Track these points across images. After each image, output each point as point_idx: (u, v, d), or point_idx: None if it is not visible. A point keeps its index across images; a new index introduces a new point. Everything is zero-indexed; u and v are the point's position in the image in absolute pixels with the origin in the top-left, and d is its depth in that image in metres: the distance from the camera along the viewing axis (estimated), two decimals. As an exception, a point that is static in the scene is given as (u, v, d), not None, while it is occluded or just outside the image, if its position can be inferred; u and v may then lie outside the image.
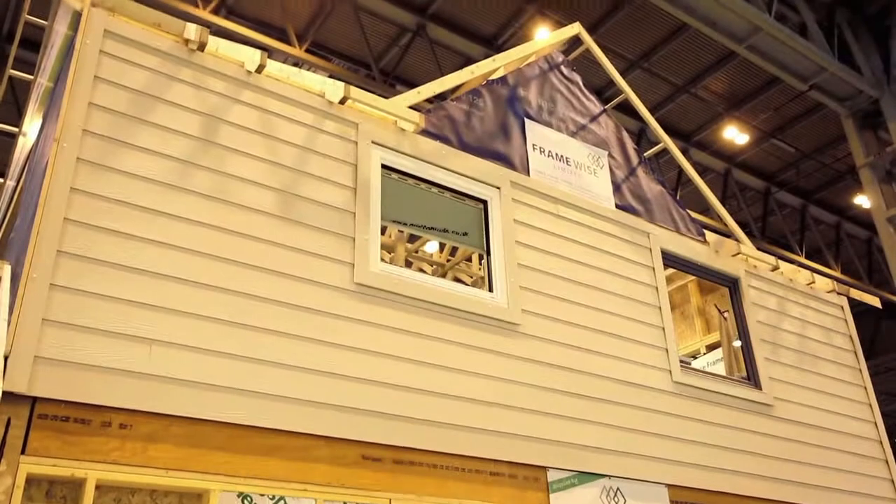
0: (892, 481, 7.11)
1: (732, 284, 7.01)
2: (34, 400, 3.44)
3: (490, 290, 5.27)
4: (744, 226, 16.22)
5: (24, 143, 5.85)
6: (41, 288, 3.56)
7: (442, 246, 8.94)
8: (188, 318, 3.94)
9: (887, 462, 7.18)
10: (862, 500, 6.75)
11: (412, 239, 8.13)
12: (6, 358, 3.39)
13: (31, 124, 5.59)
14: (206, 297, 4.04)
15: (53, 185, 3.76)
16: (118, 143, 4.06)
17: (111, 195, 3.94)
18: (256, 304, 4.18)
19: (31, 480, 3.35)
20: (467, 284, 7.67)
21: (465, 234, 5.47)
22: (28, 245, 3.64)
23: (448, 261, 8.70)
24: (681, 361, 6.15)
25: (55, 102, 4.39)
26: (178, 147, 4.25)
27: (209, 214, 4.22)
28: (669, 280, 8.09)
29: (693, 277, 8.41)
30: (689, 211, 7.12)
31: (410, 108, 5.38)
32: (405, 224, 5.33)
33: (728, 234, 7.76)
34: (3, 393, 3.31)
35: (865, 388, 7.49)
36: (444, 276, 8.29)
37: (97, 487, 3.46)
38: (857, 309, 8.28)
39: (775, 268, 7.38)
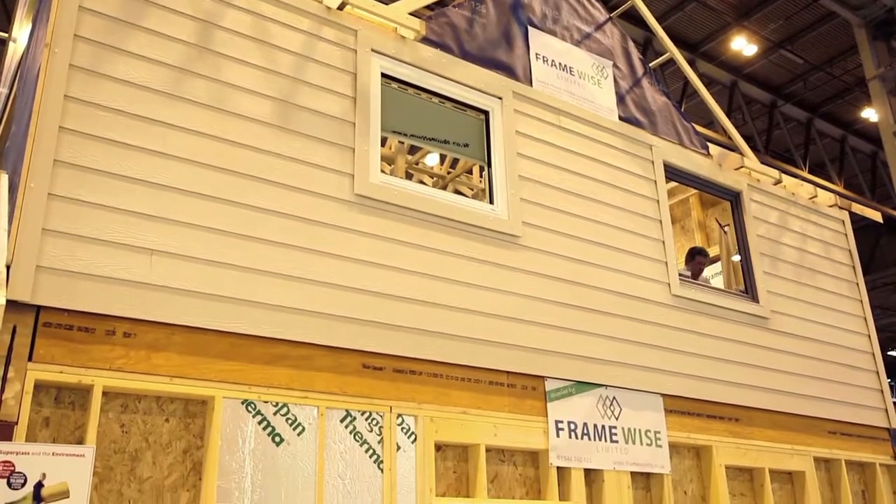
0: (882, 392, 7.27)
1: (734, 198, 6.98)
2: (38, 308, 3.47)
3: (491, 202, 5.25)
4: (748, 140, 16.05)
5: (15, 50, 5.71)
6: (39, 198, 3.55)
7: (442, 158, 8.86)
8: (188, 228, 3.94)
9: (878, 374, 7.33)
10: (852, 409, 6.92)
11: (412, 150, 8.05)
12: (8, 267, 3.40)
13: (21, 30, 5.44)
14: (204, 207, 4.02)
15: (47, 93, 3.69)
16: (111, 49, 3.96)
17: (106, 103, 3.87)
18: (255, 215, 4.17)
19: (39, 387, 3.42)
20: (468, 197, 7.65)
21: (466, 145, 5.41)
22: (24, 154, 3.60)
23: (449, 173, 8.65)
24: (680, 275, 6.19)
25: (44, 6, 4.26)
26: (172, 54, 4.15)
27: (206, 123, 4.16)
28: (671, 193, 8.05)
29: (695, 191, 8.36)
30: (693, 124, 7.02)
31: (411, 14, 5.23)
32: (405, 135, 5.26)
33: (732, 148, 7.67)
34: (8, 302, 3.35)
35: (861, 302, 7.57)
36: (444, 188, 8.25)
37: (104, 394, 3.54)
38: (858, 224, 8.29)
39: (778, 182, 7.33)
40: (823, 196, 7.80)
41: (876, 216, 8.33)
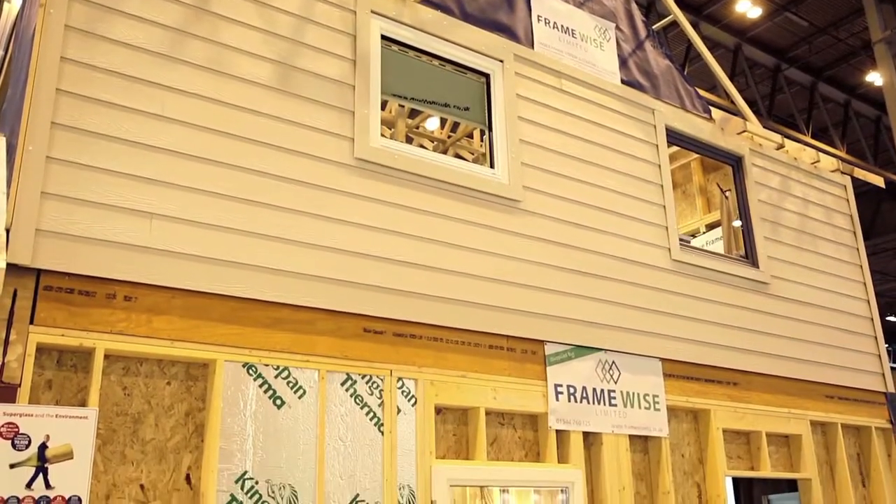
0: (879, 356, 7.32)
1: (736, 163, 6.95)
2: (39, 272, 3.47)
3: (491, 166, 5.22)
4: (751, 104, 15.90)
5: (10, 10, 5.64)
6: (37, 160, 3.52)
7: (443, 122, 8.80)
8: (187, 192, 3.93)
9: (876, 339, 7.36)
10: (850, 374, 6.97)
11: (413, 114, 7.99)
12: (8, 231, 3.40)
13: (16, -10, 5.36)
14: (204, 171, 4.00)
15: (43, 54, 3.65)
16: (107, 10, 3.90)
17: (103, 65, 3.83)
18: (255, 179, 4.15)
19: (41, 350, 3.43)
20: (468, 161, 7.61)
21: (467, 108, 5.36)
22: (21, 117, 3.57)
23: (449, 137, 8.59)
24: (680, 240, 6.18)
25: (39, -34, 4.18)
26: (169, 15, 4.10)
27: (204, 86, 4.12)
28: (672, 158, 8.01)
29: (696, 155, 8.32)
30: (696, 88, 6.95)
31: (411, -26, 5.15)
32: (406, 98, 5.22)
33: (734, 112, 7.61)
34: (8, 265, 3.35)
35: (861, 267, 7.58)
36: (445, 152, 8.20)
37: (105, 357, 3.56)
38: (859, 189, 8.26)
39: (780, 146, 7.29)
40: (826, 161, 7.76)
41: (878, 181, 8.29)
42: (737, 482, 6.42)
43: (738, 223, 7.19)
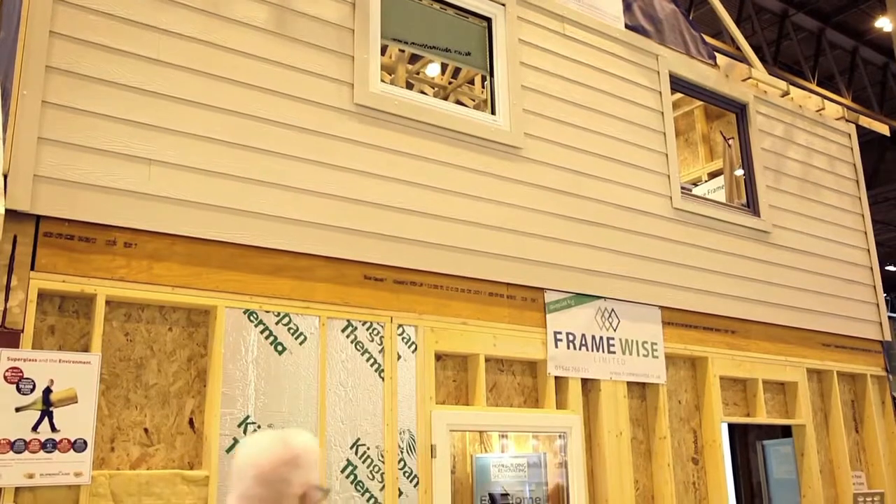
0: (878, 306, 7.35)
1: (740, 110, 6.87)
2: (38, 218, 3.46)
3: (493, 112, 5.16)
4: (757, 50, 15.63)
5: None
6: (33, 105, 3.48)
7: (444, 68, 8.67)
8: (185, 137, 3.89)
9: (875, 288, 7.39)
10: (848, 322, 7.01)
11: (413, 60, 7.88)
12: (5, 176, 3.38)
13: (7, -71, 5.23)
14: (201, 116, 3.96)
15: (35, -4, 3.57)
16: (100, -50, 3.81)
17: (97, 7, 3.75)
18: (253, 125, 4.11)
19: (42, 295, 3.45)
20: (469, 107, 7.52)
21: (468, 53, 5.28)
22: (14, 60, 3.52)
23: (450, 83, 8.48)
24: (682, 188, 6.15)
25: None
26: (163, -45, 4.00)
27: (201, 29, 4.04)
28: (676, 105, 7.91)
29: (700, 103, 8.22)
30: (701, 33, 6.83)
31: (411, -86, 5.01)
32: (406, 43, 5.13)
33: (740, 59, 7.50)
34: (7, 211, 3.34)
35: (863, 216, 7.56)
36: (446, 98, 8.11)
37: (107, 303, 3.57)
38: (863, 138, 8.18)
39: (785, 93, 7.20)
40: (831, 109, 7.68)
41: (883, 129, 8.22)
42: (732, 428, 6.53)
43: (740, 172, 7.14)
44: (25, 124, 3.45)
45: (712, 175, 8.68)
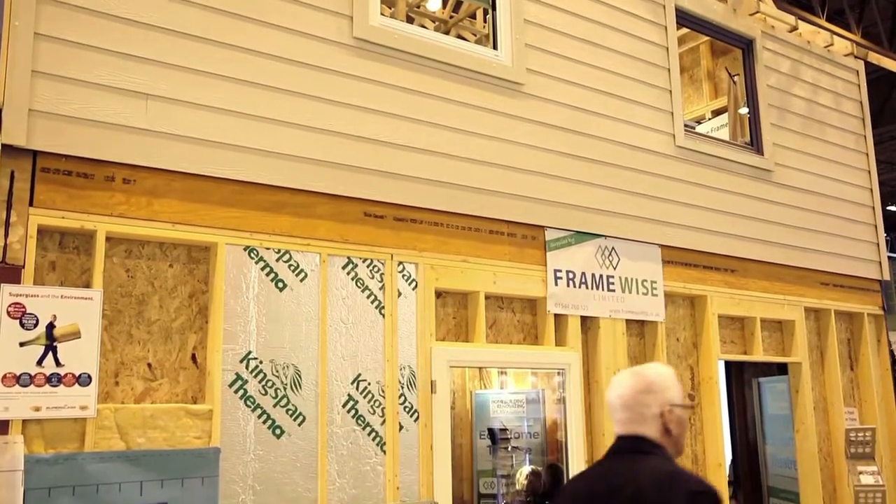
0: (878, 245, 7.36)
1: (746, 46, 6.75)
2: (35, 154, 3.43)
3: (494, 47, 5.07)
4: (765, -16, 15.28)
5: None
6: (25, 37, 3.41)
7: (445, 1, 8.48)
8: (182, 71, 3.82)
9: (876, 227, 7.38)
10: (847, 262, 7.03)
11: (414, -8, 7.69)
12: (0, 110, 3.33)
13: None
14: (199, 50, 3.88)
15: (23, -77, 3.46)
16: None
17: (88, -65, 3.64)
18: (251, 58, 4.04)
19: (42, 231, 3.44)
20: (471, 42, 7.38)
21: (470, -14, 5.14)
22: (5, -10, 3.43)
23: (451, 17, 8.30)
24: (685, 126, 6.08)
25: None
26: None
27: (196, -41, 3.93)
28: (681, 41, 7.77)
29: (706, 38, 8.07)
30: (709, -35, 6.66)
31: None
32: (406, -26, 5.00)
33: (748, -8, 7.32)
34: (3, 146, 3.30)
35: (867, 155, 7.51)
36: (447, 33, 7.95)
37: (107, 239, 3.57)
38: (871, 76, 8.05)
39: (793, 28, 7.06)
40: (839, 45, 7.54)
41: (892, 66, 8.09)
42: (728, 365, 6.61)
43: (744, 110, 7.06)
44: (18, 56, 3.39)
45: (716, 113, 8.58)
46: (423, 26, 7.89)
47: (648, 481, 2.19)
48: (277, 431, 3.86)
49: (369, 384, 4.20)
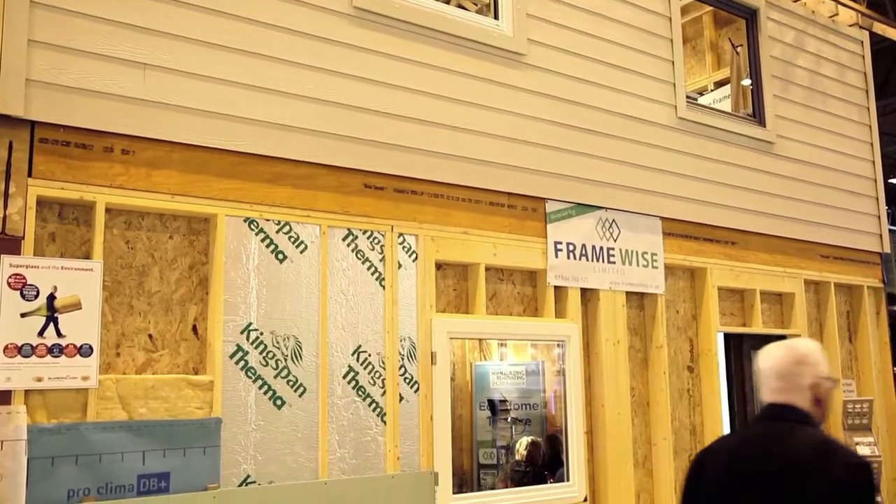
0: (879, 218, 7.34)
1: (750, 16, 6.68)
2: (33, 124, 3.41)
3: (496, 17, 5.02)
4: (770, -47, 15.09)
5: None
6: (21, 5, 3.37)
7: (446, -30, 8.37)
8: (180, 41, 3.79)
9: (877, 200, 7.37)
10: (848, 234, 7.02)
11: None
12: (-3, 80, 3.30)
13: None
14: (197, 19, 3.84)
15: None
16: None
17: None
18: (250, 28, 4.00)
19: (41, 203, 3.43)
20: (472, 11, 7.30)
21: (471, -46, 5.08)
22: (0, -42, 3.38)
23: (452, -14, 8.20)
24: (687, 97, 6.04)
25: None
26: None
27: (193, -74, 3.88)
28: (684, 11, 7.69)
29: (709, 8, 7.98)
30: (714, -67, 6.57)
31: None
32: (406, -58, 4.92)
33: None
34: (1, 116, 3.28)
35: (870, 127, 7.46)
36: (447, 2, 7.87)
37: (107, 211, 3.56)
38: (875, 47, 7.97)
39: (798, -1, 6.99)
40: (844, 14, 7.46)
41: (896, 37, 8.01)
42: (727, 337, 6.64)
43: (747, 82, 7.00)
44: (14, 25, 3.35)
45: (719, 84, 8.53)
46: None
47: (805, 448, 2.32)
48: (278, 402, 3.88)
49: (370, 355, 4.21)
